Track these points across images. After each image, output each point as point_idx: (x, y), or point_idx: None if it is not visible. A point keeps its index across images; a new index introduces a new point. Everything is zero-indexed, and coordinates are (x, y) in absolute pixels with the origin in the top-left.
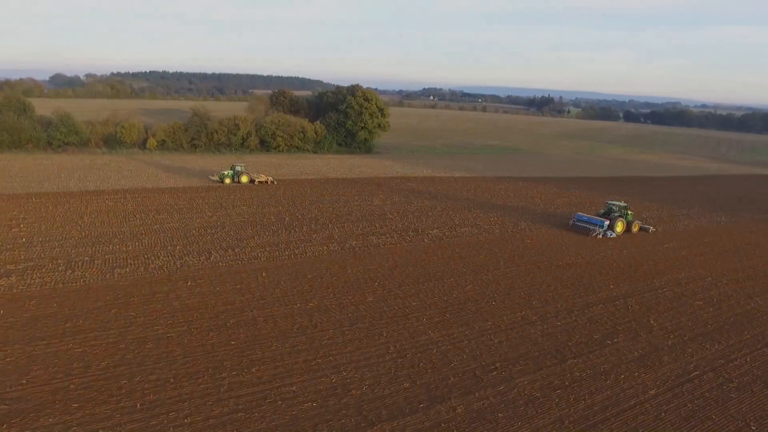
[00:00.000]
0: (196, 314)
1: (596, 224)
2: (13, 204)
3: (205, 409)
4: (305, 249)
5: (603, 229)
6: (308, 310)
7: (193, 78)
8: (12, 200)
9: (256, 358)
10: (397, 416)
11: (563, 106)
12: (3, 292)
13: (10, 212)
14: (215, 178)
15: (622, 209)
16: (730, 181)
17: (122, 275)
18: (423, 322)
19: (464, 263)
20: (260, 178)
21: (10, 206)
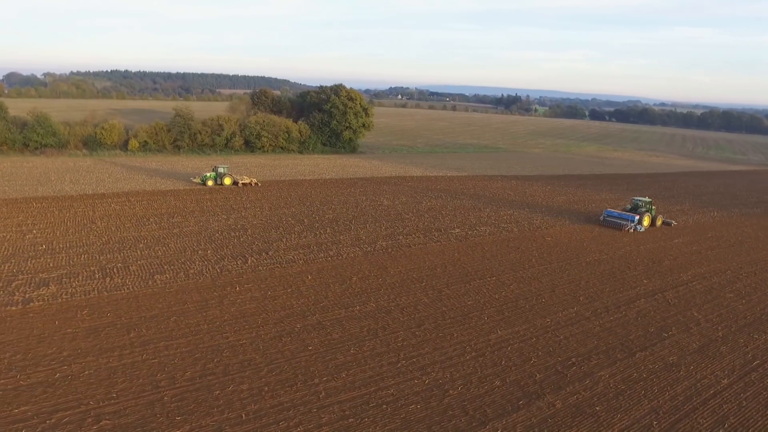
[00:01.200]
0: (259, 320)
1: (628, 219)
2: (15, 209)
3: (312, 416)
4: (339, 251)
5: (634, 224)
6: (369, 312)
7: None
8: (12, 205)
9: (339, 363)
10: (503, 414)
11: (530, 105)
12: (48, 301)
13: (16, 218)
14: (197, 180)
15: (647, 204)
16: (706, 178)
17: (165, 281)
18: (485, 320)
19: (498, 262)
20: (244, 180)
21: (13, 211)
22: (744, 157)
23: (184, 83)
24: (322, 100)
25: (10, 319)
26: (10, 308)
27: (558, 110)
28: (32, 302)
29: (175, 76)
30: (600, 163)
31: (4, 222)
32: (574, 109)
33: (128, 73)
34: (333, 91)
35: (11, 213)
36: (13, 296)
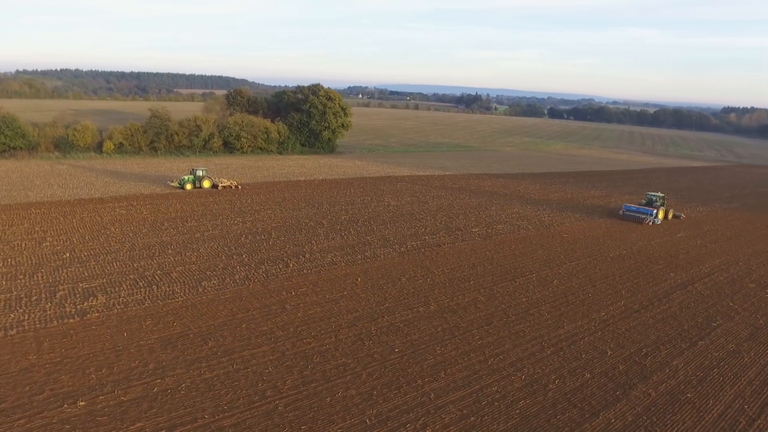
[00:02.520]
0: (332, 324)
1: (647, 213)
2: (15, 216)
3: (433, 417)
4: (374, 252)
5: (653, 217)
6: (434, 312)
7: (110, 77)
8: (10, 212)
9: (432, 364)
10: (607, 405)
11: (490, 104)
12: (105, 312)
13: (21, 225)
14: (174, 184)
15: (661, 199)
16: (675, 174)
17: (214, 288)
18: (546, 316)
19: (530, 259)
20: (224, 183)
21: (15, 218)
22: (700, 153)
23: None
24: (300, 100)
25: (73, 332)
26: (68, 320)
27: (518, 109)
28: (88, 314)
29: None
30: (572, 161)
31: (12, 230)
32: (533, 108)
33: (79, 72)
34: (311, 90)
35: (14, 220)
36: (64, 308)
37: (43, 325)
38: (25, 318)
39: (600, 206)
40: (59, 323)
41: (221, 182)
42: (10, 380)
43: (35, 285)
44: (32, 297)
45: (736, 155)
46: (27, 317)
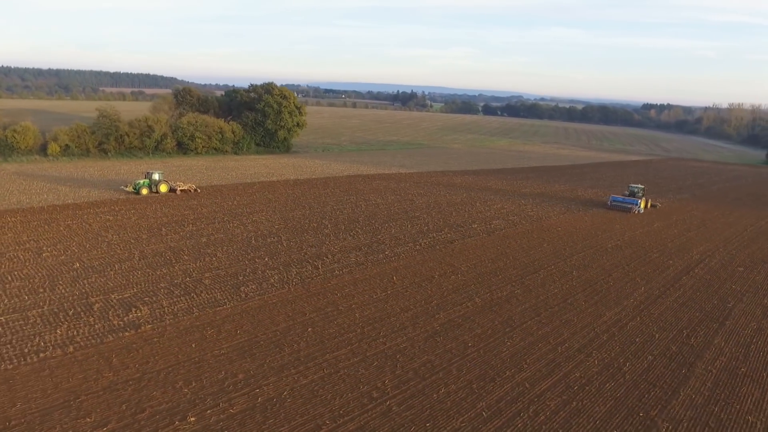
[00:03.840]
0: (394, 323)
1: (633, 203)
2: None
3: (539, 405)
4: (393, 251)
5: (638, 207)
6: (482, 306)
7: (26, 74)
8: None
9: (510, 356)
10: (681, 382)
11: (425, 101)
12: (156, 323)
13: (3, 235)
14: (129, 188)
15: (641, 190)
16: (620, 168)
17: (256, 293)
18: (583, 305)
19: (540, 253)
20: (182, 186)
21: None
22: (632, 148)
23: (59, 81)
24: (253, 99)
25: (136, 346)
26: (123, 334)
27: (453, 106)
28: (141, 326)
29: (48, 72)
30: (521, 157)
31: (1, 239)
32: (468, 105)
33: None
34: (265, 89)
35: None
36: (110, 321)
37: (99, 340)
38: (75, 334)
39: (573, 199)
40: (115, 337)
41: (179, 186)
42: (100, 399)
43: (63, 298)
44: (68, 311)
45: (664, 149)
46: (76, 333)
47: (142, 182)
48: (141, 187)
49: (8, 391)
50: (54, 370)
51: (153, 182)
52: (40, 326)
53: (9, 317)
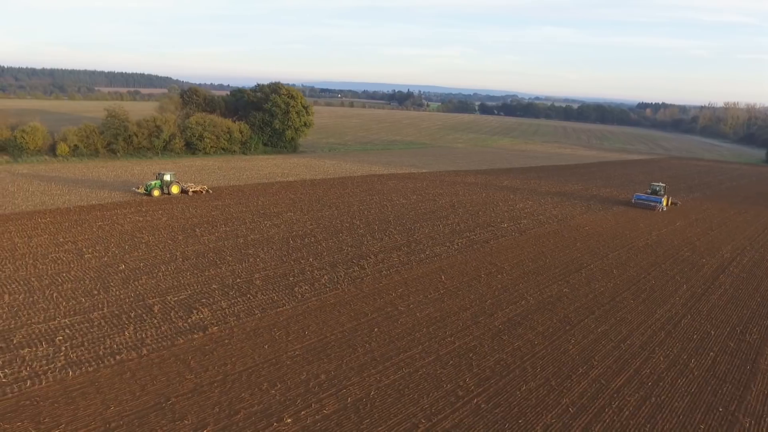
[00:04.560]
0: (456, 322)
1: (657, 201)
2: (23, 226)
3: (622, 400)
4: (432, 251)
5: (661, 205)
6: (537, 305)
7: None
8: (14, 221)
9: (577, 353)
10: (751, 377)
11: (421, 101)
12: (221, 324)
13: (40, 236)
14: (141, 190)
15: (663, 188)
16: (627, 167)
17: (311, 293)
18: (632, 303)
19: (576, 251)
20: (193, 188)
21: (25, 228)
22: (632, 147)
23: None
24: (261, 99)
25: (210, 348)
26: (193, 336)
27: (450, 105)
28: (208, 328)
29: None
30: (526, 156)
31: (35, 241)
32: (464, 104)
33: None
34: (272, 89)
35: (26, 230)
36: (175, 323)
37: (170, 342)
38: (145, 336)
39: (589, 198)
40: (185, 339)
41: (190, 187)
42: (190, 402)
43: (119, 300)
44: (130, 313)
45: (664, 148)
46: (145, 335)
47: (153, 183)
48: (153, 188)
49: (97, 393)
50: (135, 373)
51: (165, 183)
52: (106, 328)
53: (72, 319)
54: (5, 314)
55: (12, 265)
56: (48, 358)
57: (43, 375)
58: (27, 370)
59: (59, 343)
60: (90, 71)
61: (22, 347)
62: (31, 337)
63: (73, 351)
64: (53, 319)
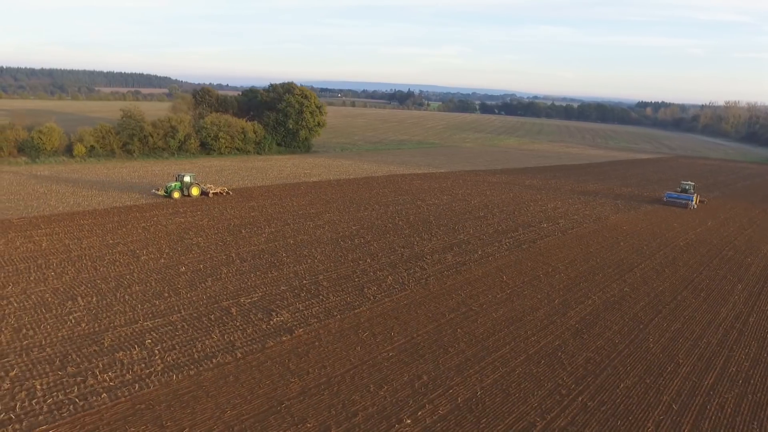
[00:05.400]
0: (533, 322)
1: (688, 199)
2: (68, 227)
3: (721, 396)
4: (484, 251)
5: (692, 202)
6: (604, 305)
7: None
8: (57, 223)
9: (661, 350)
10: None
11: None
12: (305, 326)
13: (88, 237)
14: (160, 192)
15: (693, 187)
16: (637, 166)
17: (383, 293)
18: (694, 302)
19: (622, 251)
20: (214, 189)
21: (70, 230)
22: (637, 146)
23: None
24: (274, 99)
25: (301, 350)
26: (282, 339)
27: (450, 105)
28: (294, 330)
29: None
30: (538, 156)
31: (86, 242)
32: (465, 104)
33: None
34: (285, 89)
35: (72, 232)
36: (258, 326)
37: (260, 345)
38: (234, 338)
39: (615, 197)
40: (275, 342)
41: (210, 189)
42: (304, 405)
43: (193, 303)
44: (209, 316)
45: (669, 147)
46: (234, 337)
47: (173, 185)
48: (172, 190)
49: (207, 397)
50: (237, 376)
51: (184, 185)
52: (191, 331)
53: (153, 322)
54: (86, 317)
55: (73, 268)
56: (145, 361)
57: (148, 379)
58: (130, 374)
59: (150, 346)
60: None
61: (115, 350)
62: (121, 340)
63: (168, 354)
64: (135, 321)
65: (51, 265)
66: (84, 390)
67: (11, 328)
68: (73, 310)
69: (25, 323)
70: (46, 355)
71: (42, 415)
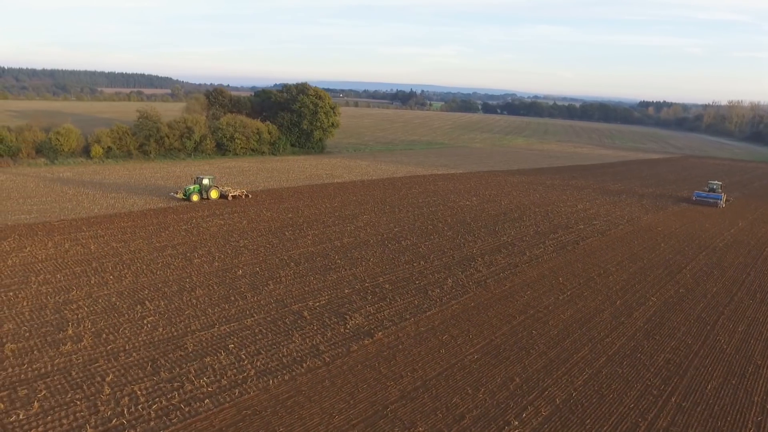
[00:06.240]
0: (601, 323)
1: (717, 199)
2: (109, 230)
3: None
4: (531, 253)
5: (721, 201)
6: (666, 306)
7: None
8: (98, 225)
9: (735, 350)
10: None
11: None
12: (381, 329)
13: (133, 241)
14: (179, 195)
15: (720, 186)
16: (649, 166)
17: (444, 296)
18: (754, 301)
19: (666, 253)
20: (233, 192)
21: (113, 232)
22: (644, 145)
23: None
24: (288, 99)
25: (387, 354)
26: (364, 342)
27: (453, 105)
28: (374, 334)
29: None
30: (550, 156)
31: (133, 245)
32: (467, 103)
33: None
34: (299, 90)
35: (113, 234)
36: (336, 330)
37: (345, 349)
38: (317, 342)
39: (640, 197)
40: (359, 346)
41: (229, 192)
42: (408, 408)
43: (261, 307)
44: (284, 319)
45: (676, 147)
46: (316, 342)
47: (192, 188)
48: (191, 193)
49: (309, 402)
50: (333, 380)
51: (203, 188)
52: (271, 336)
53: (230, 327)
54: (161, 321)
55: (129, 271)
56: (236, 366)
57: (245, 384)
58: (225, 380)
59: (235, 350)
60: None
61: (202, 355)
62: (203, 344)
63: (255, 359)
64: (211, 326)
65: (107, 269)
66: (184, 396)
67: (90, 332)
68: (144, 315)
69: (102, 327)
70: (134, 360)
71: (153, 421)
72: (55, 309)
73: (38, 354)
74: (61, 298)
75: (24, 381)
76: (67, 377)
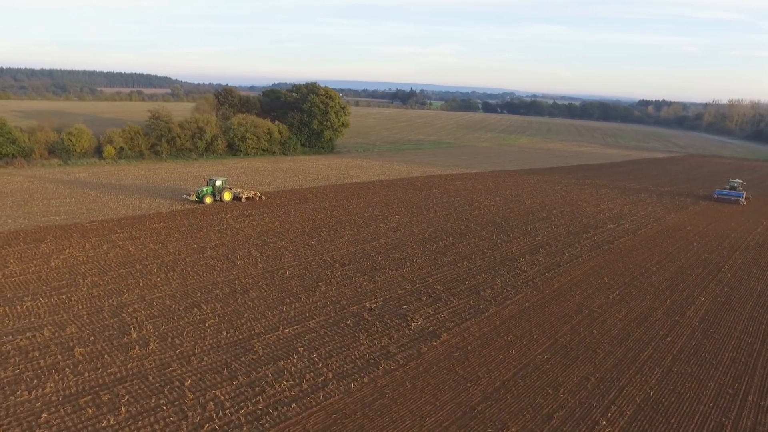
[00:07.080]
0: (656, 323)
1: (739, 196)
2: (147, 232)
3: None
4: (570, 253)
5: (742, 199)
6: (714, 305)
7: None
8: (133, 227)
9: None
10: None
11: (424, 99)
12: (446, 330)
13: (171, 242)
14: (192, 197)
15: (740, 184)
16: (658, 165)
17: (502, 296)
18: None
19: (700, 252)
20: (246, 194)
21: (149, 234)
22: (647, 144)
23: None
24: (298, 99)
25: (458, 355)
26: (432, 343)
27: (453, 104)
28: (440, 336)
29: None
30: (558, 155)
31: (173, 246)
32: (467, 103)
33: None
34: (309, 90)
35: (148, 235)
36: (401, 331)
37: (415, 351)
38: (386, 344)
39: (659, 195)
40: (428, 347)
41: (242, 193)
42: (494, 409)
43: (318, 309)
44: (346, 321)
45: (679, 146)
46: (385, 344)
47: (205, 190)
48: (204, 195)
49: (395, 405)
50: (413, 383)
51: (216, 189)
52: (337, 338)
53: (293, 329)
54: (222, 324)
55: (175, 273)
56: (311, 370)
57: (326, 387)
58: (306, 383)
59: (306, 353)
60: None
61: (274, 359)
62: (272, 347)
63: (329, 362)
64: (275, 329)
65: (151, 271)
66: (269, 400)
67: (155, 336)
68: (204, 318)
69: (165, 331)
70: (207, 365)
71: (244, 426)
72: (112, 312)
73: (109, 358)
74: (114, 301)
75: (103, 386)
76: (144, 382)
